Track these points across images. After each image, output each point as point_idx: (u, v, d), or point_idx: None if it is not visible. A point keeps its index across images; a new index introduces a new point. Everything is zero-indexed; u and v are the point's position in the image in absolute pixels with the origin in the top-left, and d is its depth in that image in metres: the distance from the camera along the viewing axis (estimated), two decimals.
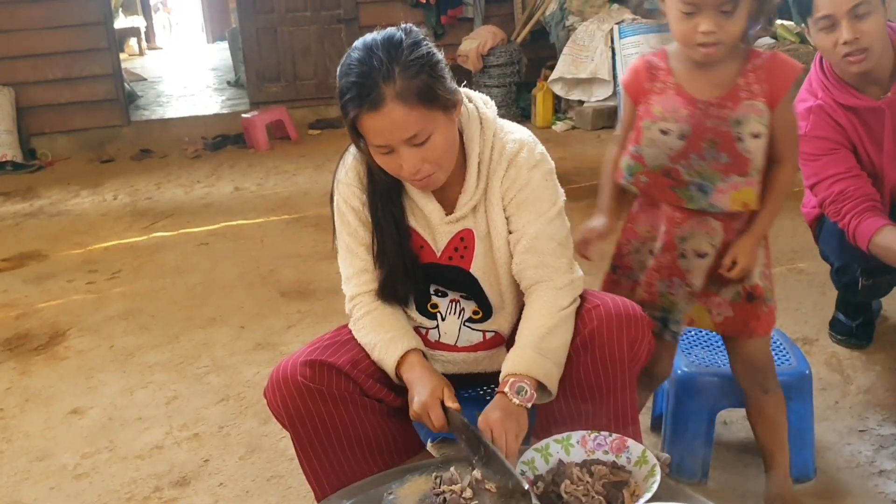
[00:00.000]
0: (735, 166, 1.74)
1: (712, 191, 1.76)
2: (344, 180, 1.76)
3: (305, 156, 6.41)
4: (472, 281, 1.76)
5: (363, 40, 1.62)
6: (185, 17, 17.74)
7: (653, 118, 1.79)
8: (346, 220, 1.77)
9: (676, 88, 1.77)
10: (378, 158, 1.63)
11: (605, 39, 6.50)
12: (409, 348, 1.71)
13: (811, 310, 3.05)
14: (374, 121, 1.56)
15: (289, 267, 3.97)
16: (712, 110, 1.74)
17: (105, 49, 7.16)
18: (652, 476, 1.48)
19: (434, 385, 1.63)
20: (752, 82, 1.73)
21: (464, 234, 1.74)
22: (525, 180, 1.70)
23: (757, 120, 1.73)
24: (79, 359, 3.16)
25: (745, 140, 1.73)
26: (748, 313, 1.87)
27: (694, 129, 1.75)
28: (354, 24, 7.62)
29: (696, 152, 1.76)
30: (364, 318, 1.77)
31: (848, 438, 2.26)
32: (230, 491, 2.26)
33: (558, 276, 1.70)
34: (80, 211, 5.37)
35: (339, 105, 1.61)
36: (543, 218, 1.71)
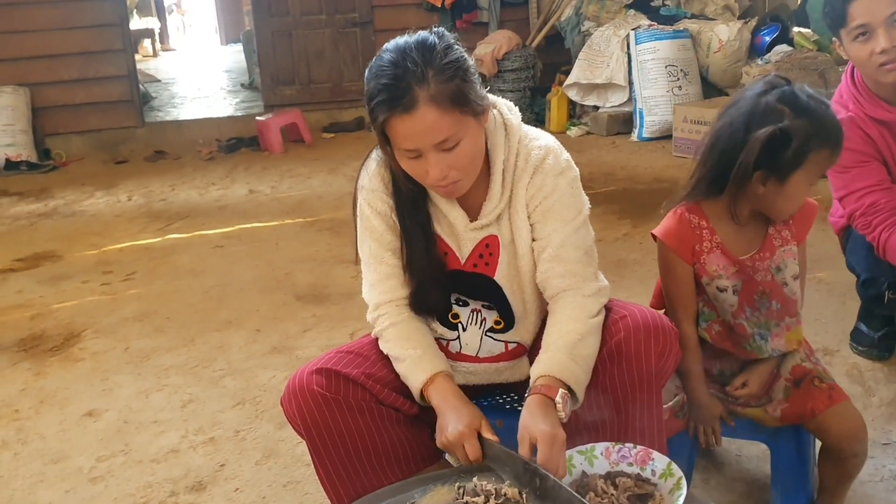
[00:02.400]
0: (786, 310, 1.84)
1: (770, 336, 1.85)
2: (369, 186, 1.74)
3: (319, 159, 6.42)
4: (496, 289, 1.74)
5: (395, 43, 1.58)
6: (199, 18, 17.81)
7: (710, 276, 1.82)
8: (372, 225, 1.74)
9: (721, 248, 1.81)
10: (404, 163, 1.61)
11: (621, 45, 6.48)
12: (438, 371, 1.68)
13: (832, 320, 3.02)
14: (405, 124, 1.53)
15: (304, 270, 3.96)
16: (757, 265, 1.81)
17: (120, 50, 7.21)
18: (678, 489, 1.46)
19: (471, 417, 1.59)
20: (781, 229, 1.81)
21: (489, 240, 1.72)
22: (551, 187, 1.68)
23: (793, 263, 1.82)
24: (94, 360, 3.16)
25: (790, 283, 1.82)
26: (803, 397, 1.86)
27: (745, 284, 1.82)
28: (369, 27, 7.63)
29: (749, 305, 1.83)
30: (389, 330, 1.74)
31: (871, 452, 2.21)
32: (246, 496, 2.25)
33: (586, 284, 1.68)
34: (94, 212, 5.38)
35: (368, 108, 1.57)
36: (569, 226, 1.69)
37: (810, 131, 1.66)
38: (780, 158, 1.67)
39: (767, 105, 1.69)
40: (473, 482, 1.49)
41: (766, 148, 1.66)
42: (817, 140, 1.67)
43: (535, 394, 1.57)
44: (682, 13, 6.95)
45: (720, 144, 1.76)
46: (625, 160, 5.75)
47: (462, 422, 1.57)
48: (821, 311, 3.10)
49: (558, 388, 1.57)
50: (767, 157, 1.67)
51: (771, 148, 1.66)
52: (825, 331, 2.93)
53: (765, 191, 1.72)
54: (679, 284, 1.84)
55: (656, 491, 1.51)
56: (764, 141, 1.66)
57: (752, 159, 1.68)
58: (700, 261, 1.82)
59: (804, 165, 1.68)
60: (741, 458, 2.23)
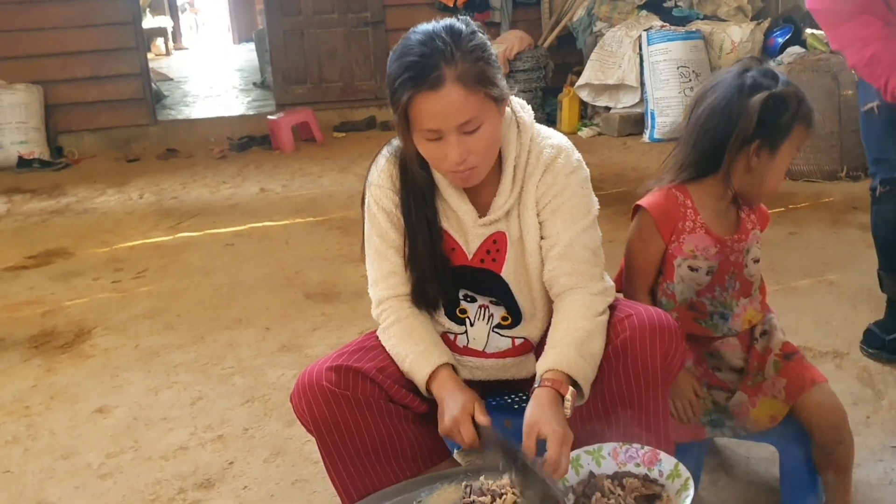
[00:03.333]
0: (743, 290, 1.92)
1: (731, 317, 1.91)
2: (376, 182, 1.75)
3: (330, 158, 6.43)
4: (503, 285, 1.75)
5: (422, 27, 1.58)
6: (212, 17, 17.88)
7: (684, 256, 1.86)
8: (377, 222, 1.75)
9: (705, 228, 1.86)
10: (423, 147, 1.60)
11: (633, 46, 6.47)
12: (441, 363, 1.69)
13: (842, 323, 3.00)
14: (430, 102, 1.52)
15: (314, 269, 3.97)
16: (735, 246, 1.88)
17: (133, 48, 7.24)
18: (685, 490, 1.46)
19: (465, 400, 1.60)
20: (749, 213, 1.92)
21: (496, 236, 1.73)
22: (561, 186, 1.69)
23: (757, 247, 1.93)
24: (104, 357, 3.17)
25: (749, 266, 1.91)
26: (798, 369, 1.88)
27: (721, 265, 1.88)
28: (381, 27, 7.64)
29: (720, 285, 1.89)
30: (394, 327, 1.75)
31: (881, 455, 2.22)
32: (254, 494, 2.26)
33: (592, 283, 1.68)
34: (106, 209, 5.41)
35: (391, 89, 1.55)
36: (578, 225, 1.69)
37: (799, 97, 1.76)
38: (775, 125, 1.74)
39: (754, 80, 1.76)
40: (480, 481, 1.49)
41: (762, 113, 1.72)
42: (803, 109, 1.76)
43: (545, 387, 1.56)
44: (695, 14, 6.93)
45: (711, 123, 1.80)
46: (636, 161, 5.74)
47: (456, 407, 1.59)
48: (832, 314, 3.08)
49: (567, 383, 1.57)
50: (763, 123, 1.73)
51: (766, 113, 1.73)
52: (835, 333, 2.91)
53: (758, 162, 1.78)
54: (648, 258, 1.88)
55: (664, 492, 1.51)
56: (760, 105, 1.72)
57: (752, 125, 1.73)
58: (679, 240, 1.85)
59: (791, 135, 1.76)
60: (750, 461, 2.23)
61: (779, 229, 4.06)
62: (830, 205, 4.46)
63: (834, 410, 1.86)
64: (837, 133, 4.93)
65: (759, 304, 1.96)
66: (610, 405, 1.67)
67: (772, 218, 4.07)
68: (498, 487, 1.46)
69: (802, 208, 4.44)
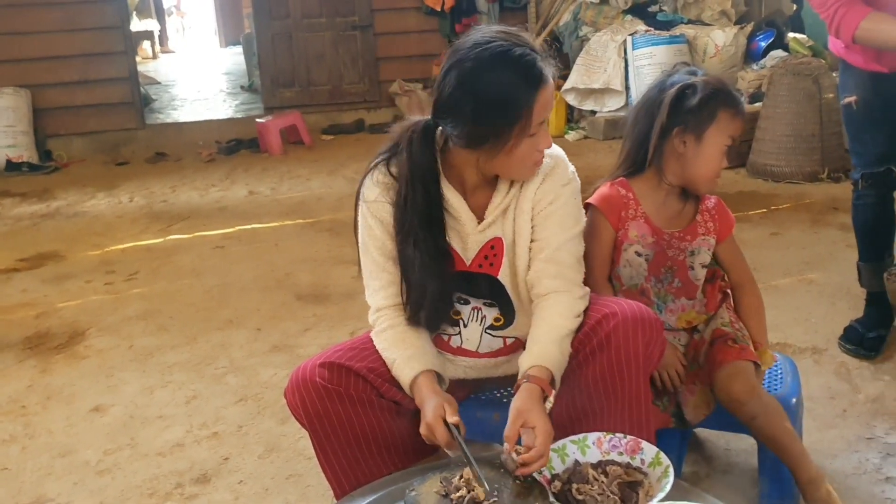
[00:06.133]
0: (685, 290, 2.01)
1: (664, 310, 2.01)
2: (372, 197, 1.78)
3: (319, 161, 6.48)
4: (499, 288, 1.82)
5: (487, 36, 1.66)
6: (199, 21, 17.86)
7: (630, 241, 1.99)
8: (374, 234, 1.79)
9: (645, 217, 1.99)
10: (522, 147, 1.67)
11: (618, 50, 6.55)
12: (423, 369, 1.75)
13: (821, 320, 3.09)
14: (544, 94, 1.64)
15: (304, 271, 4.02)
16: (674, 241, 1.99)
17: (121, 52, 7.27)
18: (665, 477, 1.52)
19: (435, 405, 1.66)
20: (707, 220, 2.02)
21: (494, 242, 1.80)
22: (556, 194, 1.78)
23: (707, 253, 2.01)
24: (99, 358, 3.22)
25: (696, 269, 2.00)
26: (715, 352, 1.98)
27: (656, 255, 1.99)
28: (369, 31, 7.70)
29: (655, 276, 2.00)
30: (387, 332, 1.80)
31: (856, 446, 2.30)
32: (250, 488, 2.31)
33: (574, 288, 1.77)
34: (96, 213, 5.44)
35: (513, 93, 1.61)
36: (568, 233, 1.78)
37: (714, 85, 1.90)
38: (693, 112, 1.89)
39: (678, 78, 1.94)
40: (458, 474, 1.56)
41: (677, 102, 1.89)
42: (722, 96, 1.90)
43: (532, 383, 1.65)
44: (679, 18, 7.03)
45: (637, 119, 1.98)
46: None
47: (429, 413, 1.66)
48: (811, 311, 3.17)
49: (549, 382, 1.66)
50: (682, 112, 1.89)
51: (682, 102, 1.89)
52: (814, 330, 2.99)
53: (685, 150, 1.92)
54: (601, 245, 1.99)
55: (645, 479, 1.57)
56: (675, 95, 1.89)
57: (667, 112, 1.90)
58: (624, 227, 1.99)
59: (716, 121, 1.89)
60: (730, 452, 2.30)
61: (761, 230, 4.15)
62: (811, 206, 4.55)
63: (738, 386, 1.90)
64: (818, 135, 5.03)
65: (703, 306, 2.03)
66: (594, 395, 1.74)
67: (754, 219, 4.18)
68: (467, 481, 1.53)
69: (784, 209, 4.54)
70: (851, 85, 2.74)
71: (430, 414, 1.66)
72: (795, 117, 5.04)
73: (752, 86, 6.07)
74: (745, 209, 4.43)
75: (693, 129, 1.91)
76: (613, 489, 1.55)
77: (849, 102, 2.74)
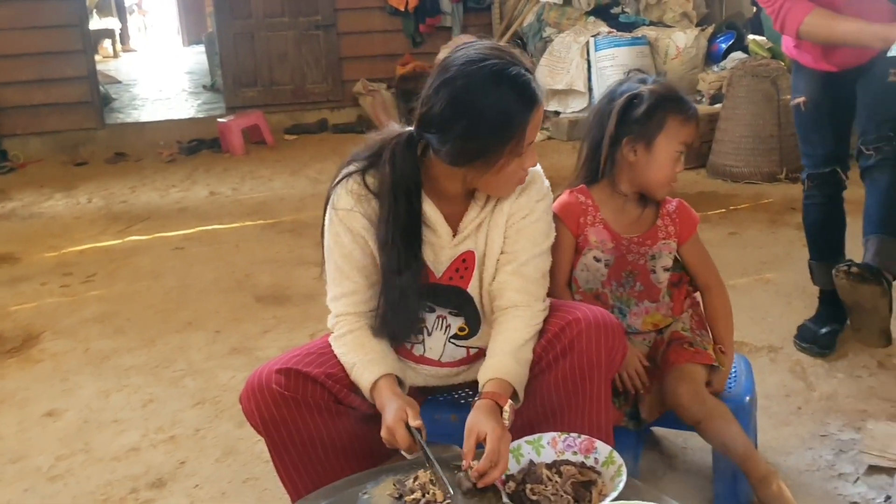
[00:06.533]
0: (648, 294, 2.03)
1: (628, 314, 2.03)
2: (343, 205, 1.75)
3: (281, 161, 6.43)
4: (467, 299, 1.82)
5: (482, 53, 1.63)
6: (161, 19, 17.65)
7: (590, 246, 2.02)
8: (342, 242, 1.76)
9: (604, 223, 2.02)
10: (511, 166, 1.66)
11: (581, 52, 6.60)
12: (384, 373, 1.73)
13: (777, 319, 3.13)
14: (537, 115, 1.65)
15: (264, 272, 3.99)
16: (634, 247, 2.02)
17: (80, 51, 7.15)
18: (619, 476, 1.53)
19: (396, 408, 1.65)
20: (668, 224, 2.03)
21: (466, 255, 1.80)
22: (531, 209, 1.78)
23: (668, 256, 2.03)
24: (53, 361, 3.16)
25: (658, 272, 2.02)
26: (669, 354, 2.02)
27: (616, 260, 2.01)
28: (332, 30, 7.67)
29: (616, 280, 2.03)
30: (346, 336, 1.79)
31: (810, 443, 2.33)
32: (206, 493, 2.28)
33: (536, 302, 1.78)
34: (53, 214, 5.35)
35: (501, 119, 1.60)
36: (538, 248, 1.79)
37: (661, 93, 1.93)
38: (641, 121, 1.92)
39: (628, 87, 1.98)
40: (412, 477, 1.55)
41: (625, 112, 1.93)
42: (670, 103, 1.93)
43: (486, 398, 1.65)
44: (641, 20, 7.09)
45: (589, 129, 2.01)
46: None
47: (390, 416, 1.64)
48: (767, 310, 3.21)
49: (506, 394, 1.66)
50: (630, 121, 1.93)
51: (630, 112, 1.93)
52: (770, 329, 3.03)
53: (636, 158, 1.95)
54: (562, 252, 2.01)
55: (599, 478, 1.58)
56: (622, 106, 1.93)
57: (615, 123, 1.93)
58: (584, 232, 2.02)
59: (665, 129, 1.92)
60: (687, 450, 2.32)
61: (720, 230, 4.20)
62: (769, 206, 4.61)
63: (682, 390, 1.93)
64: (777, 136, 5.10)
65: (668, 309, 2.06)
66: (556, 399, 1.75)
67: (713, 219, 4.22)
68: (429, 482, 1.52)
69: (743, 209, 4.59)
70: (801, 86, 2.78)
71: (391, 417, 1.64)
72: (754, 118, 5.11)
73: (713, 87, 6.14)
74: (704, 209, 4.47)
75: (642, 138, 1.94)
76: (567, 489, 1.55)
77: (798, 103, 2.79)
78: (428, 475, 1.56)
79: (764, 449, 2.28)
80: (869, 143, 2.62)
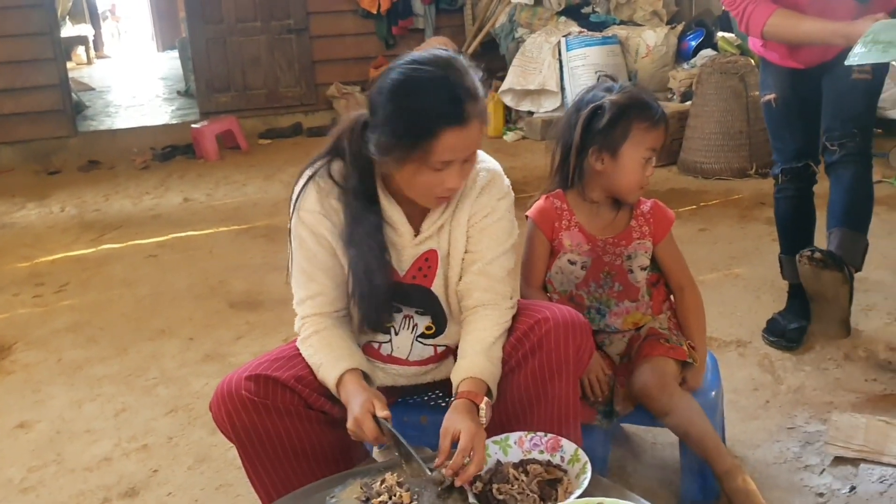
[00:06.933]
0: (627, 293, 2.07)
1: (608, 314, 2.08)
2: (306, 207, 1.77)
3: (255, 166, 6.42)
4: (432, 298, 1.83)
5: (426, 58, 1.63)
6: (135, 25, 17.54)
7: (564, 250, 2.07)
8: (306, 245, 1.78)
9: (579, 227, 2.06)
10: (424, 176, 1.64)
11: (552, 52, 6.62)
12: (348, 368, 1.74)
13: (746, 313, 3.16)
14: (456, 137, 1.60)
15: (238, 278, 3.98)
16: (609, 247, 2.06)
17: (51, 59, 7.09)
18: (584, 473, 1.55)
19: (364, 399, 1.66)
20: (642, 224, 2.07)
21: (428, 254, 1.81)
22: (492, 208, 1.80)
23: (644, 255, 2.07)
24: (25, 372, 3.14)
25: (635, 272, 2.06)
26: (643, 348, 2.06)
27: (594, 262, 2.06)
28: (305, 34, 7.65)
29: (594, 281, 2.07)
30: (312, 338, 1.80)
31: (777, 436, 2.36)
32: (179, 500, 2.28)
33: (503, 301, 1.80)
34: (25, 223, 5.31)
35: (412, 122, 1.60)
36: (502, 247, 1.81)
37: (624, 104, 1.96)
38: (604, 132, 1.96)
39: (593, 96, 2.02)
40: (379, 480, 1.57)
41: (590, 124, 1.97)
42: (633, 112, 1.96)
43: (461, 398, 1.67)
44: (612, 20, 7.13)
45: (559, 137, 2.06)
46: None
47: (357, 407, 1.65)
48: (736, 305, 3.25)
49: (481, 393, 1.68)
50: (594, 132, 1.97)
51: (593, 123, 1.96)
52: (739, 324, 3.07)
53: (604, 167, 1.99)
54: (537, 256, 2.09)
55: (565, 476, 1.60)
56: (586, 118, 1.97)
57: (579, 135, 1.98)
58: (558, 237, 2.07)
59: (630, 137, 1.96)
60: (656, 446, 2.35)
61: (690, 226, 4.24)
62: (739, 201, 4.66)
63: (651, 381, 1.97)
64: (746, 132, 5.15)
65: (648, 308, 2.10)
66: (526, 398, 1.77)
67: (684, 216, 4.27)
68: (397, 484, 1.53)
69: (713, 205, 4.64)
70: (771, 83, 2.81)
71: (357, 409, 1.65)
72: (723, 115, 5.16)
73: (683, 85, 6.19)
74: (676, 206, 4.44)
75: (607, 148, 1.97)
76: (533, 487, 1.57)
77: (768, 100, 2.82)
78: (395, 478, 1.57)
79: (732, 442, 2.32)
80: (834, 140, 2.67)
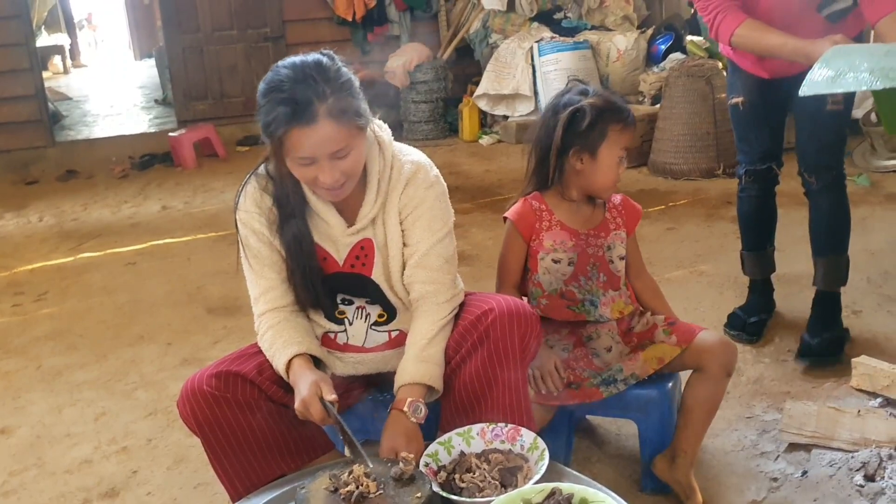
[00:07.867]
0: (610, 283, 2.18)
1: (599, 304, 2.16)
2: (244, 207, 1.88)
3: (233, 173, 6.46)
4: (374, 287, 1.91)
5: (291, 61, 1.73)
6: (111, 33, 17.50)
7: (545, 251, 2.15)
8: (250, 244, 1.88)
9: (561, 224, 2.15)
10: (296, 170, 1.75)
11: (525, 57, 6.72)
12: (297, 353, 1.83)
13: (709, 308, 3.26)
14: (305, 136, 1.67)
15: (216, 284, 4.04)
16: (591, 240, 2.16)
17: (27, 70, 7.11)
18: (542, 459, 1.63)
19: (311, 381, 1.75)
20: (616, 216, 2.20)
21: (364, 243, 1.89)
22: (420, 199, 1.87)
23: (621, 246, 2.19)
24: (5, 380, 3.19)
25: (615, 262, 2.18)
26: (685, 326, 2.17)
27: (580, 256, 2.15)
28: (281, 42, 7.71)
29: (583, 275, 2.15)
30: (268, 332, 1.88)
31: (736, 425, 2.46)
32: (158, 500, 2.35)
33: (443, 291, 1.88)
34: (3, 234, 5.34)
35: (265, 120, 1.70)
36: (435, 236, 1.88)
37: (601, 107, 2.07)
38: (585, 133, 2.06)
39: (569, 99, 2.11)
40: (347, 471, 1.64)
41: (570, 125, 2.06)
42: (609, 114, 2.07)
43: (394, 410, 1.79)
44: (583, 25, 7.24)
45: (537, 140, 2.14)
46: None
47: (305, 389, 1.73)
48: (700, 300, 3.35)
49: (417, 396, 1.79)
50: (574, 134, 2.07)
51: (573, 125, 2.06)
52: (702, 319, 3.16)
53: (583, 167, 2.09)
54: (513, 257, 2.18)
55: (525, 464, 1.68)
56: (566, 120, 2.06)
57: (560, 136, 2.07)
58: (539, 238, 2.15)
59: (607, 138, 2.07)
60: (620, 437, 2.43)
61: (658, 225, 4.34)
62: (706, 200, 4.77)
63: (728, 343, 2.12)
64: (713, 133, 5.27)
65: (628, 297, 2.20)
66: (478, 387, 1.84)
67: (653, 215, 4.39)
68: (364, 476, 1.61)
69: (681, 205, 4.74)
70: (739, 86, 2.90)
71: (305, 390, 1.73)
72: (690, 117, 5.28)
73: (653, 88, 6.30)
74: (645, 206, 4.50)
75: (587, 149, 2.08)
76: (495, 475, 1.65)
77: (735, 103, 2.91)
78: (362, 469, 1.65)
79: None
80: (810, 171, 2.76)
